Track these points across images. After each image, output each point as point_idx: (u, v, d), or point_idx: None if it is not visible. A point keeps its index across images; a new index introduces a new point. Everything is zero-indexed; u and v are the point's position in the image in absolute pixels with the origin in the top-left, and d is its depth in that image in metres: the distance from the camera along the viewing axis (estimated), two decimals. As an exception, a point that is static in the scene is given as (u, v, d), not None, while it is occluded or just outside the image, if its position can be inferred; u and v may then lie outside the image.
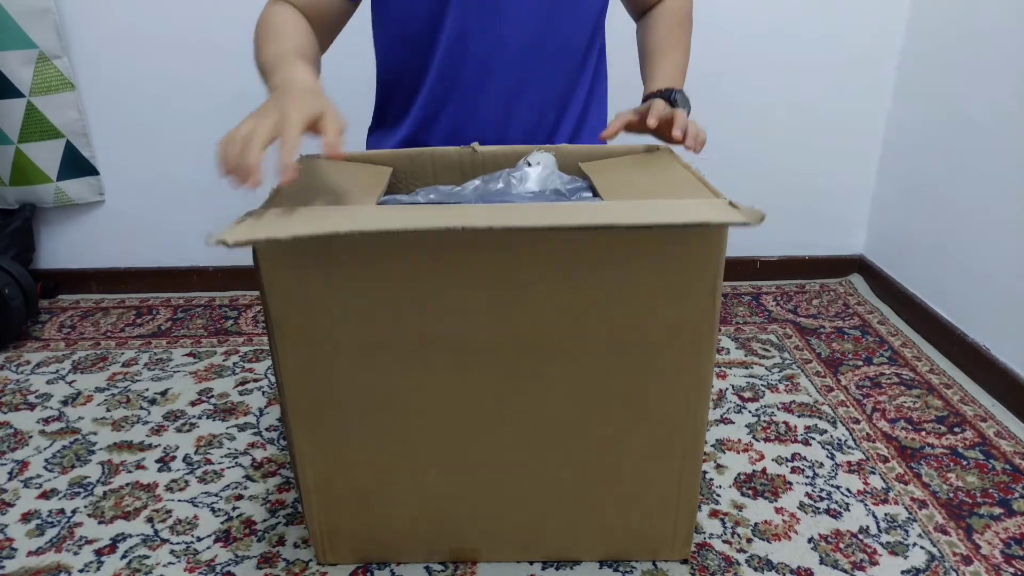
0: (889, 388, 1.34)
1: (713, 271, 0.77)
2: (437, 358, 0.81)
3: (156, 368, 1.46)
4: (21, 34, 1.56)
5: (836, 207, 1.79)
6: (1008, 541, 0.98)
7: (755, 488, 1.08)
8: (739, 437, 1.20)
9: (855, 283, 1.80)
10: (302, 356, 0.80)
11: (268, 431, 1.24)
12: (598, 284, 0.77)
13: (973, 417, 1.25)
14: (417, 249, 0.75)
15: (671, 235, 0.75)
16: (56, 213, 1.78)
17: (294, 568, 0.95)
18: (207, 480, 1.12)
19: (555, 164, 0.96)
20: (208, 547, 0.98)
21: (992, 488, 1.08)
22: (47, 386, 1.40)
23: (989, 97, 1.35)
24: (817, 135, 1.73)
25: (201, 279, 1.83)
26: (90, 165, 1.72)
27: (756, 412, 1.27)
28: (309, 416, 0.84)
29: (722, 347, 1.49)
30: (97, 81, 1.66)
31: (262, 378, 1.42)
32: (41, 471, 1.15)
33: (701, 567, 0.94)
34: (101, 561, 0.96)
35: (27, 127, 1.64)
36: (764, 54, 1.65)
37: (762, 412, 1.27)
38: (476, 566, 0.94)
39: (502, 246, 0.75)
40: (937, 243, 1.52)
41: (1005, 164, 1.31)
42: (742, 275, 1.82)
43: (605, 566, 0.94)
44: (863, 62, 1.66)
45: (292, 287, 0.77)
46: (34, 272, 1.76)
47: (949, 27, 1.48)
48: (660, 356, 0.80)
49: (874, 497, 1.06)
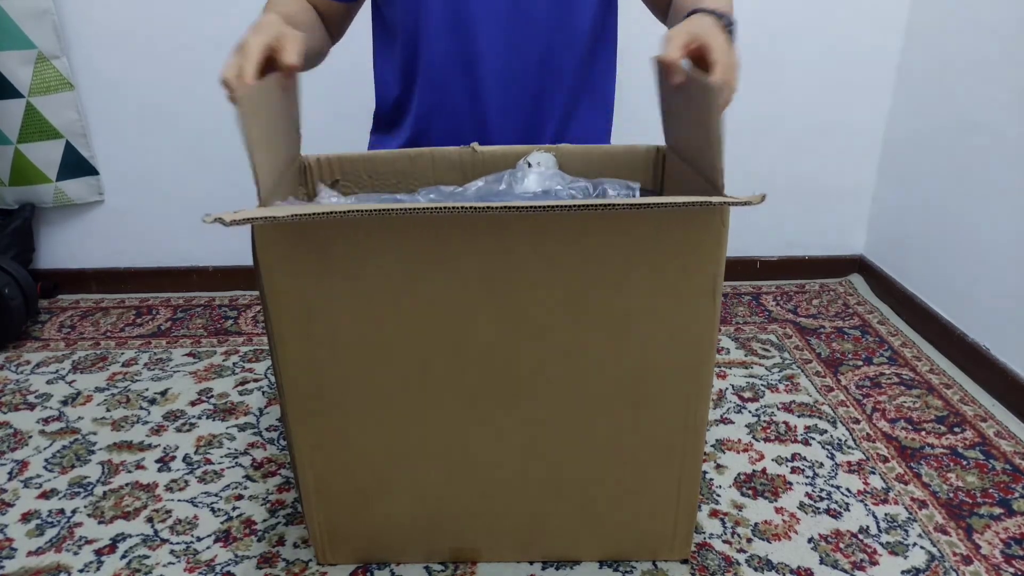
0: (889, 388, 1.34)
1: (713, 271, 0.77)
2: (437, 358, 0.81)
3: (156, 368, 1.46)
4: (20, 34, 1.56)
5: (836, 207, 1.79)
6: (1008, 541, 0.98)
7: (755, 488, 1.08)
8: (739, 437, 1.20)
9: (855, 283, 1.80)
10: (302, 356, 0.80)
11: (268, 431, 1.24)
12: (599, 284, 0.77)
13: (973, 417, 1.25)
14: (417, 244, 0.75)
15: (672, 224, 0.74)
16: (56, 213, 1.78)
17: (294, 568, 0.95)
18: (207, 480, 1.12)
19: (555, 164, 0.96)
20: (208, 547, 0.98)
21: (992, 488, 1.08)
22: (47, 386, 1.40)
23: (989, 97, 1.35)
24: (817, 135, 1.73)
25: (201, 279, 1.83)
26: (90, 165, 1.72)
27: (756, 412, 1.27)
28: (309, 416, 0.84)
29: (722, 347, 1.49)
30: (96, 81, 1.66)
31: (262, 378, 1.42)
32: (41, 471, 1.15)
33: (701, 567, 0.94)
34: (101, 561, 0.96)
35: (26, 127, 1.64)
36: (764, 54, 1.65)
37: (762, 412, 1.27)
38: (476, 566, 0.94)
39: (503, 245, 0.75)
40: (937, 243, 1.52)
41: (1005, 164, 1.31)
42: (742, 275, 1.82)
43: (605, 566, 0.94)
44: (863, 62, 1.66)
45: (292, 286, 0.77)
46: (34, 272, 1.76)
47: (949, 27, 1.48)
48: (660, 356, 0.80)
49: (874, 497, 1.06)
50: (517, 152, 0.98)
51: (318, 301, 0.78)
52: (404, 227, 0.74)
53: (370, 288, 0.77)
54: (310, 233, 0.75)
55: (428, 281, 0.77)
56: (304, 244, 0.75)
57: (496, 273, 0.77)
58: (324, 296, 0.77)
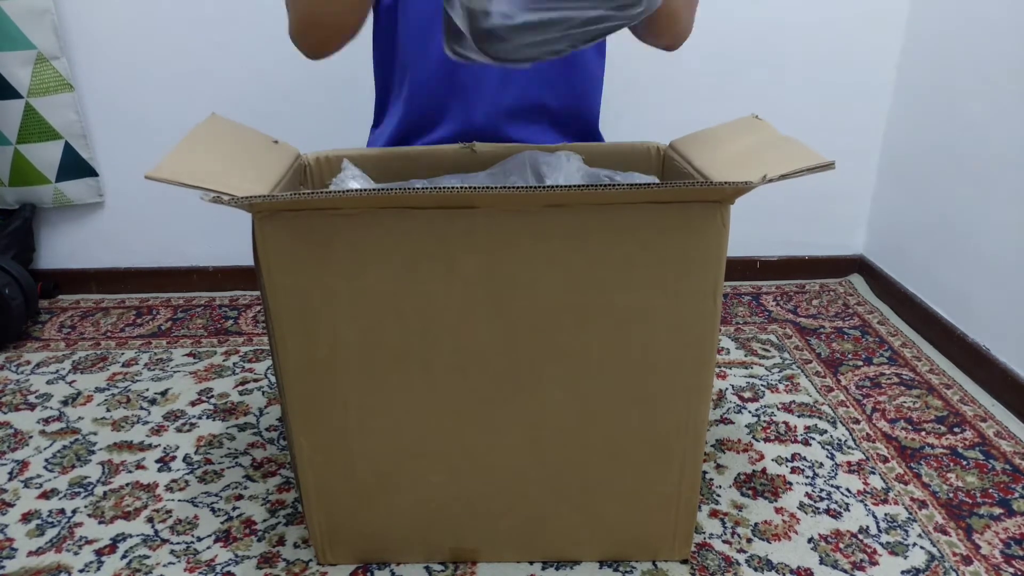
0: (889, 388, 1.34)
1: (714, 271, 0.77)
2: (437, 357, 0.81)
3: (156, 368, 1.46)
4: (19, 35, 1.56)
5: (836, 207, 1.79)
6: (1008, 541, 0.98)
7: (755, 488, 1.08)
8: (739, 437, 1.20)
9: (855, 283, 1.80)
10: (302, 356, 0.81)
11: (268, 431, 1.24)
12: (599, 283, 0.77)
13: (973, 417, 1.25)
14: (417, 243, 0.75)
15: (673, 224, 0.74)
16: (56, 213, 1.78)
17: (294, 568, 0.95)
18: (207, 480, 1.12)
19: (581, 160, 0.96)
20: (208, 547, 0.98)
21: (992, 488, 1.08)
22: (47, 386, 1.40)
23: (989, 97, 1.35)
24: (817, 135, 1.72)
25: (201, 279, 1.83)
26: (89, 166, 1.72)
27: (756, 412, 1.27)
28: (309, 416, 0.84)
29: (722, 347, 1.49)
30: (96, 82, 1.66)
31: (262, 378, 1.42)
32: (41, 471, 1.15)
33: (701, 567, 0.94)
34: (101, 561, 0.96)
35: (25, 128, 1.64)
36: (764, 54, 1.65)
37: (762, 412, 1.27)
38: (476, 566, 0.94)
39: (503, 244, 0.75)
40: (937, 243, 1.52)
41: (1005, 164, 1.31)
42: (742, 275, 1.82)
43: (605, 566, 0.94)
44: (863, 62, 1.66)
45: (292, 285, 0.77)
46: (34, 272, 1.76)
47: (949, 27, 1.48)
48: (660, 356, 0.80)
49: (874, 497, 1.06)
50: (517, 150, 0.98)
51: (319, 300, 0.78)
52: (405, 225, 0.74)
53: (370, 287, 0.77)
54: (310, 231, 0.75)
55: (428, 280, 0.77)
56: (305, 243, 0.75)
57: (496, 272, 0.77)
58: (325, 295, 0.78)
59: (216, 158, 0.79)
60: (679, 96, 1.67)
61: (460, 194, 0.69)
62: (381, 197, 0.72)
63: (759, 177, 0.71)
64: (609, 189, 0.69)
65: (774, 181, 0.71)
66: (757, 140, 0.87)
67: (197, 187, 0.68)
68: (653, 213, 0.74)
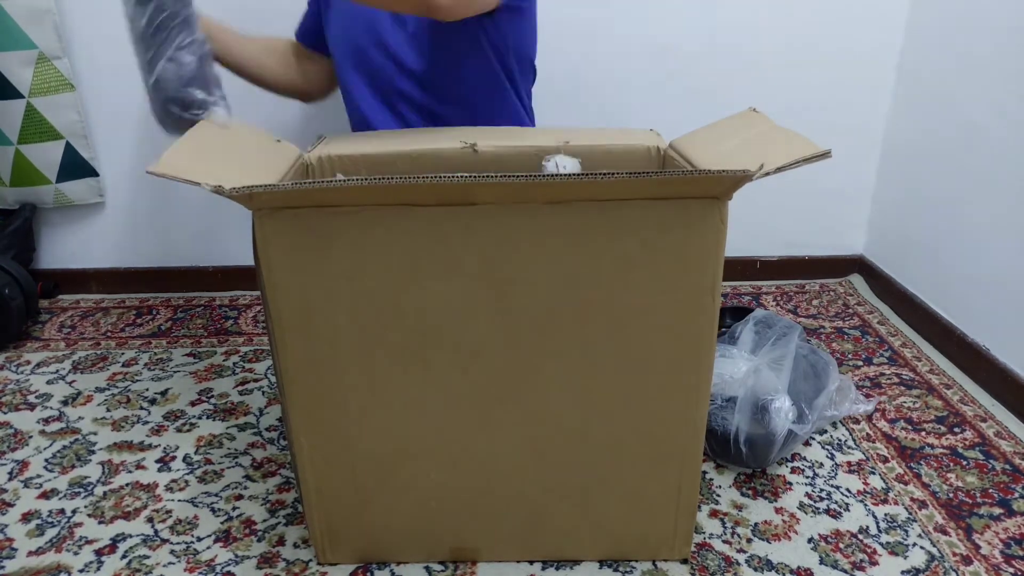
0: (889, 388, 1.34)
1: (713, 270, 0.77)
2: (437, 356, 0.81)
3: (156, 368, 1.46)
4: (21, 35, 1.56)
5: (836, 207, 1.79)
6: (1008, 541, 0.98)
7: (755, 488, 1.08)
8: (739, 437, 1.20)
9: (855, 283, 1.80)
10: (302, 355, 0.81)
11: (268, 431, 1.24)
12: (599, 282, 0.77)
13: (973, 417, 1.25)
14: (417, 241, 0.75)
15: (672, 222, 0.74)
16: (56, 213, 1.78)
17: (294, 568, 0.95)
18: (207, 480, 1.12)
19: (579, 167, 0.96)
20: (208, 547, 0.98)
21: (992, 488, 1.08)
22: (47, 386, 1.40)
23: (989, 98, 1.35)
24: (817, 135, 1.72)
25: (201, 279, 1.83)
26: (90, 167, 1.72)
27: (756, 412, 1.27)
28: (309, 416, 0.84)
29: (722, 347, 1.49)
30: (97, 82, 1.66)
31: (262, 378, 1.42)
32: (41, 471, 1.15)
33: (701, 567, 0.94)
34: (101, 561, 0.96)
35: (26, 128, 1.64)
36: (764, 54, 1.65)
37: (762, 412, 1.27)
38: (476, 566, 0.94)
39: (503, 242, 0.75)
40: (937, 243, 1.52)
41: (1005, 164, 1.31)
42: (742, 275, 1.82)
43: (605, 566, 0.94)
44: (863, 62, 1.66)
45: (292, 284, 0.77)
46: (34, 272, 1.76)
47: (949, 27, 1.48)
48: (660, 355, 0.80)
49: (874, 497, 1.06)
50: (519, 150, 0.99)
51: (319, 299, 0.78)
52: (405, 223, 0.75)
53: (371, 286, 0.77)
54: (310, 230, 0.75)
55: (428, 279, 0.77)
56: (305, 241, 0.75)
57: (496, 271, 0.77)
58: (325, 294, 0.78)
59: (217, 155, 0.79)
60: (679, 96, 1.67)
61: (459, 184, 0.70)
62: (380, 187, 0.72)
63: (757, 168, 0.71)
64: (607, 178, 0.69)
65: (771, 174, 0.71)
66: (755, 134, 0.87)
67: (197, 182, 0.68)
68: (652, 210, 0.74)
